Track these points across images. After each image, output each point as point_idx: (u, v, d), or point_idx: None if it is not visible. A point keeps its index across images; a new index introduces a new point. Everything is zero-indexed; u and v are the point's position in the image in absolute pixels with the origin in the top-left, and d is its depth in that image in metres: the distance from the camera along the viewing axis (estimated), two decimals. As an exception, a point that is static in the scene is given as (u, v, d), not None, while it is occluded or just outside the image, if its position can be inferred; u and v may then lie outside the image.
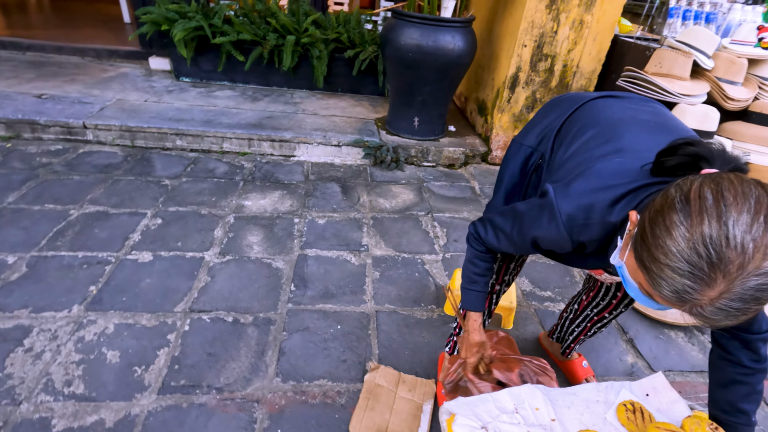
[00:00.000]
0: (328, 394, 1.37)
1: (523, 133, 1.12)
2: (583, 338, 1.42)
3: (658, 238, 0.57)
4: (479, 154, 2.99)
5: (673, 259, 0.55)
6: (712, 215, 0.53)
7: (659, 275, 0.57)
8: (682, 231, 0.55)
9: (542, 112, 1.12)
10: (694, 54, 2.12)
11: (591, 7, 2.51)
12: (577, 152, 0.88)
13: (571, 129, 0.97)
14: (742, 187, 0.54)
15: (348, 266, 1.93)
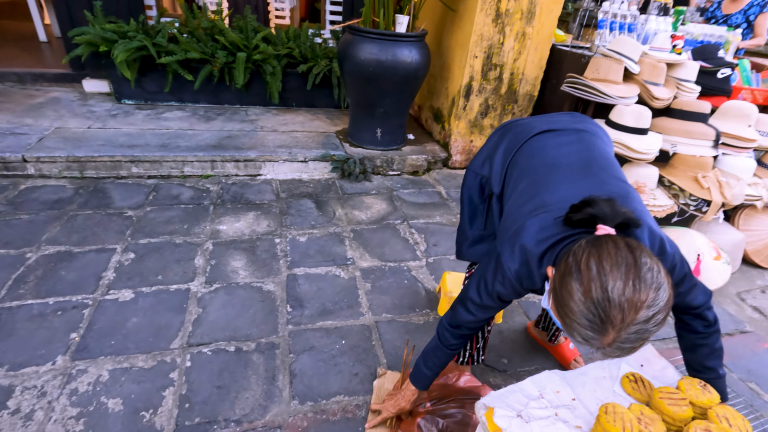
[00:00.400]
0: (348, 409, 1.40)
1: (478, 163, 1.27)
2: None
3: (564, 299, 0.76)
4: (440, 159, 3.14)
5: (576, 317, 0.74)
6: (597, 284, 0.71)
7: (570, 326, 0.76)
8: (579, 296, 0.73)
9: (493, 141, 1.26)
10: (624, 61, 2.40)
11: (531, 20, 2.75)
12: (513, 207, 1.05)
13: (513, 172, 1.14)
14: (617, 256, 0.72)
15: (339, 281, 1.96)
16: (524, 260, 0.92)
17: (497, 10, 2.67)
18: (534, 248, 0.91)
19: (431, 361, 1.20)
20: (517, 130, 1.21)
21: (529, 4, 2.70)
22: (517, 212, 1.01)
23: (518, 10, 2.70)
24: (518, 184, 1.08)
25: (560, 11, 2.81)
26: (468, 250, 1.37)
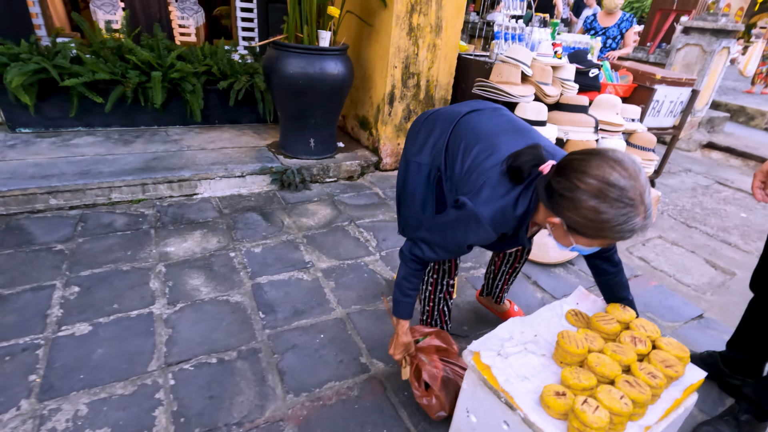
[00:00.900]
0: (341, 392, 1.51)
1: (415, 153, 1.37)
2: (507, 287, 1.84)
3: (596, 221, 0.90)
4: (372, 163, 3.35)
5: (614, 222, 0.89)
6: (604, 187, 0.88)
7: (616, 232, 0.91)
8: (603, 206, 0.88)
9: (425, 130, 1.38)
10: (520, 65, 2.84)
11: (439, 32, 3.09)
12: (472, 167, 1.18)
13: (458, 145, 1.26)
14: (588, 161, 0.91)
15: (303, 283, 2.05)
16: (498, 207, 1.07)
17: (410, 25, 2.97)
18: (505, 196, 1.07)
19: (406, 288, 1.29)
20: (443, 117, 1.36)
21: (437, 19, 3.05)
22: (480, 168, 1.14)
23: (428, 24, 3.03)
24: (469, 150, 1.21)
25: (462, 24, 3.20)
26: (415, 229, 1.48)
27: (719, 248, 2.98)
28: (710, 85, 5.24)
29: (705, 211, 3.62)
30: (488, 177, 1.11)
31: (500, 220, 1.09)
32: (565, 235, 1.02)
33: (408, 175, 1.41)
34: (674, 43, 5.38)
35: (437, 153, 1.32)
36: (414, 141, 1.41)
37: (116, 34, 3.28)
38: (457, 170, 1.24)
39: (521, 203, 1.09)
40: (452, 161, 1.27)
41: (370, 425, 1.40)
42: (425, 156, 1.35)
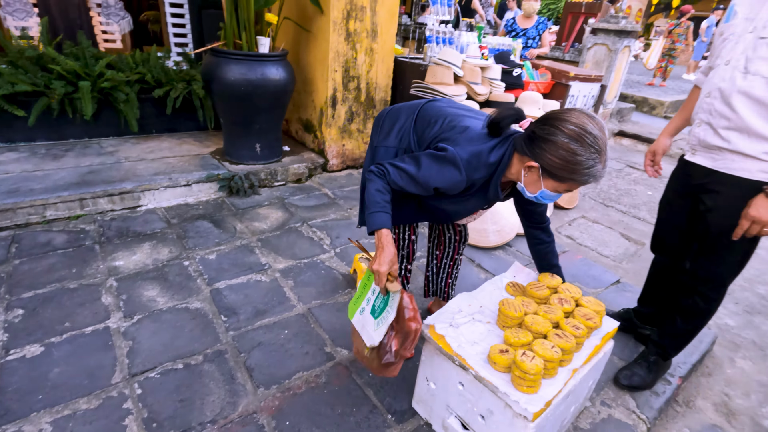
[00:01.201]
0: (310, 380, 1.60)
1: (382, 138, 1.47)
2: (452, 281, 1.92)
3: (570, 161, 1.07)
4: (319, 165, 3.43)
5: (585, 163, 1.07)
6: (582, 134, 1.05)
7: (584, 174, 1.08)
8: (580, 149, 1.06)
9: (389, 120, 1.49)
10: (452, 67, 3.07)
11: (375, 37, 3.24)
12: (443, 129, 1.29)
13: (426, 121, 1.37)
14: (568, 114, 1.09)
15: (262, 285, 2.10)
16: (475, 152, 1.18)
17: (347, 30, 3.09)
18: (481, 143, 1.20)
19: (379, 199, 1.25)
20: (406, 107, 1.48)
21: (372, 25, 3.19)
22: (456, 128, 1.26)
23: (364, 30, 3.17)
24: (441, 119, 1.32)
25: (396, 29, 3.37)
26: None
27: (631, 223, 3.40)
28: (617, 79, 5.88)
29: (619, 191, 4.10)
30: (465, 130, 1.24)
31: (474, 164, 1.19)
32: (536, 181, 1.17)
33: (376, 160, 1.47)
34: (585, 43, 5.96)
35: (404, 135, 1.43)
36: (380, 131, 1.51)
37: (34, 42, 3.08)
38: (426, 136, 1.34)
39: (495, 153, 1.21)
40: (420, 134, 1.38)
41: (340, 406, 1.51)
42: (392, 140, 1.45)
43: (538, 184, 1.18)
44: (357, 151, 3.60)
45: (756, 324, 2.42)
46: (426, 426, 1.48)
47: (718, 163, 1.42)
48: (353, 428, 1.44)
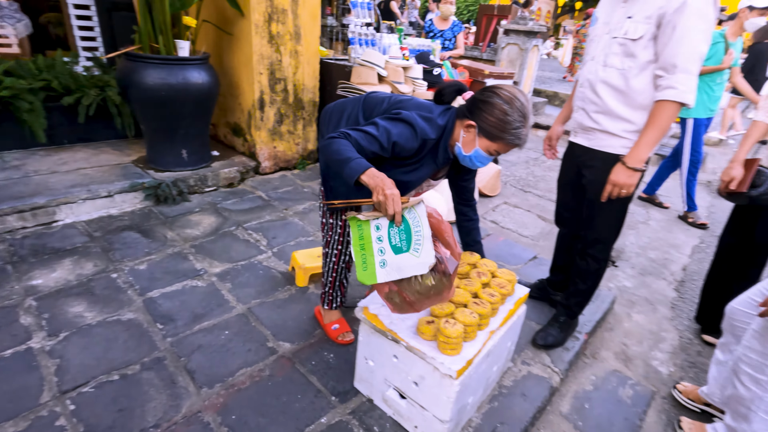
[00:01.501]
0: (254, 375, 1.64)
1: (332, 129, 1.57)
2: None
3: (502, 120, 1.29)
4: (251, 168, 3.41)
5: (514, 123, 1.29)
6: (514, 100, 1.29)
7: (511, 134, 1.30)
8: (510, 110, 1.28)
9: (336, 114, 1.57)
10: (376, 68, 3.20)
11: (299, 40, 3.29)
12: (391, 105, 1.46)
13: (372, 105, 1.49)
14: (503, 88, 1.32)
15: (199, 290, 2.09)
16: (425, 115, 1.36)
17: (270, 33, 3.11)
18: (430, 109, 1.40)
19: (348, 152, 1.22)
20: (350, 101, 1.57)
21: (295, 27, 3.24)
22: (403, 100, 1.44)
23: (287, 32, 3.21)
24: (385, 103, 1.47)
25: (320, 32, 3.45)
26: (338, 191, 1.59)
27: (546, 205, 3.77)
28: (530, 76, 6.40)
29: (536, 178, 4.50)
30: (412, 100, 1.44)
31: (426, 127, 1.34)
32: (472, 141, 1.36)
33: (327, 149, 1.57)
34: (499, 43, 6.42)
35: (353, 122, 1.52)
36: (328, 124, 1.60)
37: None
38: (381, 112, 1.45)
39: (442, 118, 1.40)
40: (371, 115, 1.48)
41: (285, 395, 1.57)
42: (342, 126, 1.53)
43: (473, 144, 1.37)
44: (289, 153, 3.62)
45: (648, 283, 2.82)
46: (368, 402, 1.59)
47: (592, 142, 1.69)
48: (299, 413, 1.51)
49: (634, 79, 1.54)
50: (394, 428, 1.50)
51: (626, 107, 1.58)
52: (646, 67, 1.51)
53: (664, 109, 1.47)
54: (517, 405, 1.67)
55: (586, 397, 1.86)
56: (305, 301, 2.10)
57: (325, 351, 1.80)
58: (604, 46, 1.60)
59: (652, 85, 1.51)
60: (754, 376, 1.42)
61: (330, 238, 1.71)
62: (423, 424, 1.42)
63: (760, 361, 1.41)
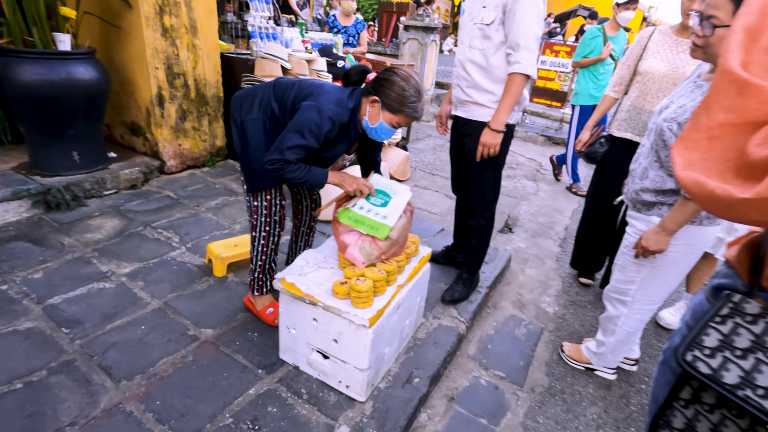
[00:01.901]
0: (176, 362, 1.65)
1: (245, 113, 1.64)
2: (309, 247, 2.16)
3: (399, 95, 1.48)
4: (155, 168, 3.26)
5: (409, 97, 1.49)
6: (410, 78, 1.50)
7: (408, 107, 1.49)
8: (406, 86, 1.48)
9: (246, 100, 1.65)
10: (279, 60, 3.25)
11: (196, 33, 3.22)
12: (301, 89, 1.56)
13: (282, 89, 1.59)
14: (400, 69, 1.53)
15: (108, 291, 2.00)
16: (335, 100, 1.50)
17: (163, 26, 3.00)
18: (339, 92, 1.55)
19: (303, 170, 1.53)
20: (260, 86, 1.66)
21: (190, 20, 3.16)
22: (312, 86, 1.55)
23: (182, 26, 3.11)
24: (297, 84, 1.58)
25: (217, 25, 3.39)
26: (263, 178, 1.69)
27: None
28: (430, 69, 6.82)
29: (442, 162, 4.86)
30: (322, 86, 1.55)
31: (337, 111, 1.50)
32: (377, 114, 1.53)
33: (247, 135, 1.64)
34: (401, 38, 6.75)
35: (265, 105, 1.61)
36: (240, 109, 1.66)
37: None
38: (288, 99, 1.57)
39: (351, 99, 1.56)
40: (282, 99, 1.59)
41: (211, 375, 1.61)
42: (255, 113, 1.62)
43: (378, 117, 1.55)
44: (196, 151, 3.52)
45: (537, 243, 3.25)
46: (294, 369, 1.69)
47: (468, 113, 1.98)
48: (226, 389, 1.56)
49: (492, 57, 1.84)
50: (321, 387, 1.62)
51: (489, 81, 1.88)
52: (500, 47, 1.83)
53: (513, 80, 1.79)
54: (430, 352, 1.88)
55: (489, 339, 2.14)
56: (225, 289, 2.12)
57: (249, 331, 1.86)
58: (468, 31, 1.90)
59: (506, 62, 1.81)
60: (620, 299, 1.74)
61: (256, 221, 1.76)
62: (346, 377, 1.56)
63: (622, 287, 1.73)
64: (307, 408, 1.54)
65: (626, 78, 2.30)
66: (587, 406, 1.83)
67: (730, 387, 0.49)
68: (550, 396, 1.85)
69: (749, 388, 0.48)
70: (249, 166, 1.68)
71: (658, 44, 2.15)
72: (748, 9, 0.50)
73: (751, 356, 0.50)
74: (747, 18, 0.50)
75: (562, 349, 2.08)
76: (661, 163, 1.47)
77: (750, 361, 0.50)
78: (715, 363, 0.51)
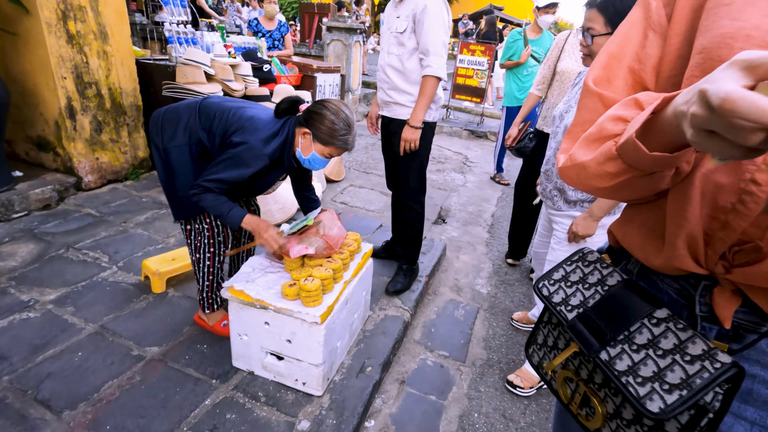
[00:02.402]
0: (122, 385, 1.60)
1: (169, 139, 1.60)
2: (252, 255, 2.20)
3: (329, 129, 1.53)
4: (71, 185, 3.02)
5: (339, 131, 1.54)
6: (340, 111, 1.55)
7: (340, 140, 1.55)
8: (336, 120, 1.53)
9: (169, 122, 1.60)
10: (202, 66, 3.16)
11: (107, 39, 3.02)
12: (231, 122, 1.54)
13: (210, 116, 1.57)
14: (330, 102, 1.57)
15: (33, 321, 1.87)
16: (265, 136, 1.51)
17: (68, 32, 2.79)
18: (269, 126, 1.55)
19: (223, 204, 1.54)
20: (183, 107, 1.62)
21: (98, 26, 2.96)
22: (243, 119, 1.53)
23: (90, 31, 2.91)
24: (226, 113, 1.56)
25: (129, 30, 3.21)
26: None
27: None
28: (356, 69, 6.93)
29: (375, 160, 5.00)
30: (252, 119, 1.53)
31: (270, 148, 1.53)
32: (309, 146, 1.57)
33: (171, 161, 1.60)
34: (324, 39, 6.78)
35: (192, 131, 1.59)
36: (162, 133, 1.60)
37: None
38: (221, 127, 1.56)
39: (283, 132, 1.58)
40: (210, 127, 1.57)
41: (162, 392, 1.59)
42: (180, 138, 1.59)
43: (310, 148, 1.59)
44: (117, 164, 3.31)
45: (469, 231, 3.50)
46: (249, 375, 1.71)
47: (391, 112, 2.17)
48: (180, 403, 1.56)
49: (407, 62, 2.04)
50: (278, 388, 1.67)
51: (406, 83, 2.07)
52: (413, 53, 2.03)
53: (426, 82, 1.99)
54: (379, 342, 1.99)
55: (432, 324, 2.31)
56: (166, 304, 2.07)
57: (198, 344, 1.84)
58: (386, 39, 2.09)
59: (420, 66, 1.99)
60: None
61: (199, 242, 1.74)
62: (302, 374, 1.62)
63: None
64: (266, 409, 1.58)
65: (548, 77, 2.58)
66: (520, 371, 2.06)
67: (554, 304, 0.71)
68: (488, 367, 2.06)
69: (563, 306, 0.70)
70: (175, 194, 1.66)
71: (573, 46, 2.44)
72: (613, 37, 0.67)
73: (574, 286, 0.71)
74: (610, 45, 0.66)
75: (512, 318, 2.33)
76: None
77: (572, 290, 0.71)
78: (552, 289, 0.73)
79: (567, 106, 1.69)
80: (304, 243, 1.67)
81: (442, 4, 1.96)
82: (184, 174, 1.62)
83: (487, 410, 1.81)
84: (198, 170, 1.61)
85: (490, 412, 1.81)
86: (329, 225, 1.76)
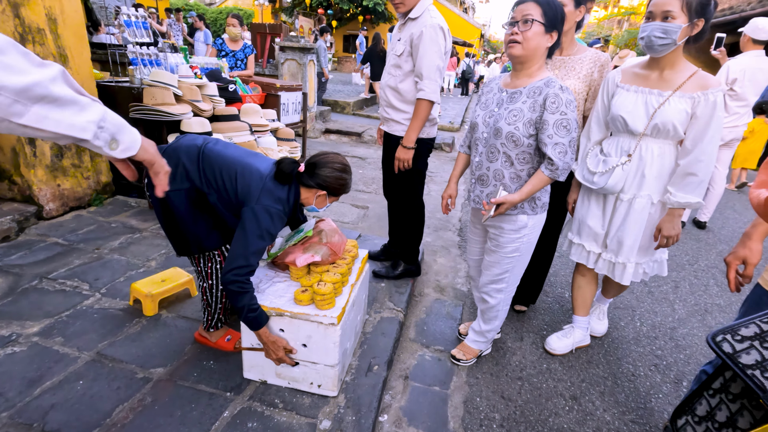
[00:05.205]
0: (134, 407, 1.58)
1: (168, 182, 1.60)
2: None
3: (338, 181, 1.64)
4: (31, 214, 2.86)
5: (349, 182, 1.69)
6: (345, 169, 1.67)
7: (348, 188, 1.69)
8: (341, 174, 1.65)
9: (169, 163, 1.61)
10: (170, 88, 3.13)
11: (67, 62, 2.92)
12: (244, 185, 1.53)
13: (216, 168, 1.55)
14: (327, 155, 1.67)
15: (20, 355, 1.78)
16: (277, 199, 1.53)
17: (26, 56, 2.68)
18: (278, 190, 1.55)
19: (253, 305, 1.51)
20: (183, 150, 1.57)
21: (58, 48, 2.87)
22: (252, 184, 1.53)
23: (49, 55, 2.81)
24: (233, 174, 1.55)
25: (89, 53, 3.13)
26: (207, 241, 1.67)
27: (357, 195, 4.39)
28: (311, 88, 7.05)
29: (340, 175, 5.11)
30: (263, 186, 1.53)
31: (284, 209, 1.57)
32: (324, 200, 1.69)
33: (174, 204, 1.57)
34: (278, 59, 6.84)
35: (194, 177, 1.56)
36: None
37: None
38: (230, 191, 1.55)
39: (291, 195, 1.62)
40: (217, 184, 1.56)
41: (178, 409, 1.59)
42: (180, 182, 1.55)
43: (324, 202, 1.71)
44: (79, 189, 3.17)
45: (440, 235, 3.70)
46: (263, 384, 1.75)
47: (390, 129, 2.32)
48: (199, 418, 1.56)
49: (402, 83, 2.19)
50: (293, 394, 1.72)
51: (402, 102, 2.22)
52: (409, 75, 2.18)
53: (420, 104, 2.14)
54: (381, 342, 2.09)
55: (423, 322, 2.44)
56: (162, 326, 2.04)
57: (204, 360, 1.84)
58: (389, 60, 2.26)
59: (415, 87, 2.16)
60: (497, 288, 1.89)
61: (210, 269, 1.75)
62: (317, 377, 1.69)
63: (498, 278, 1.87)
64: (286, 414, 1.62)
65: None
66: (509, 357, 2.24)
67: (743, 366, 0.53)
68: (481, 357, 2.22)
69: (759, 369, 0.53)
70: (183, 236, 1.66)
71: None
72: None
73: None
74: None
75: (456, 358, 2.11)
76: (512, 161, 1.65)
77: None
78: (740, 347, 0.55)
79: (486, 113, 1.70)
80: (309, 252, 1.75)
81: (440, 31, 2.06)
82: (185, 217, 1.61)
83: (487, 393, 1.97)
84: (196, 214, 1.62)
85: (489, 394, 1.96)
86: (330, 233, 1.85)
